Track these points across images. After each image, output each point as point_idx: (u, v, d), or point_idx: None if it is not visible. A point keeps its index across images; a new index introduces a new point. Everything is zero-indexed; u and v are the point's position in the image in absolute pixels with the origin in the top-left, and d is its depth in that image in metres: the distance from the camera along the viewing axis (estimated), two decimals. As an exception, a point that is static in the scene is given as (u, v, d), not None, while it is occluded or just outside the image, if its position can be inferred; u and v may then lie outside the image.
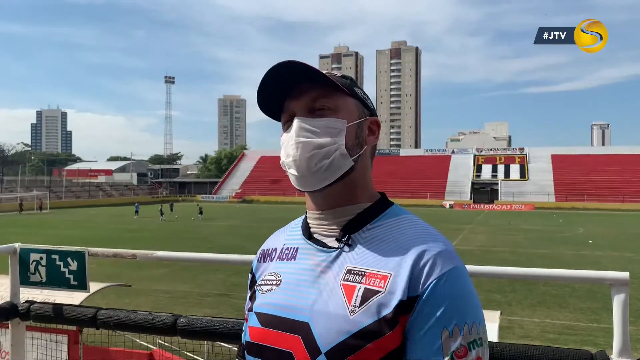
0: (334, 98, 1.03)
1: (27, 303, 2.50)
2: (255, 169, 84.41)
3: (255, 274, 1.17)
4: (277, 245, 1.15)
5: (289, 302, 1.00)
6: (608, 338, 6.61)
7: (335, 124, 1.02)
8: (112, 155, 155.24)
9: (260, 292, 1.08)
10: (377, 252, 0.98)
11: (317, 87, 1.02)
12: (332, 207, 1.05)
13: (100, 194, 74.45)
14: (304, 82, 1.02)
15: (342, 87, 1.03)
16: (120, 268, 15.20)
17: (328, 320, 0.93)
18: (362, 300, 0.93)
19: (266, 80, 1.03)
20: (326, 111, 1.02)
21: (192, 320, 2.11)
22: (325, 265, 1.01)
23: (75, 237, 25.63)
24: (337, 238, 1.03)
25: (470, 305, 0.93)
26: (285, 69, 1.01)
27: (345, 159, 1.02)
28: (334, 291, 0.96)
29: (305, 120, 1.02)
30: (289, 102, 1.05)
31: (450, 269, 0.93)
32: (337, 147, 1.01)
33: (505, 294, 13.11)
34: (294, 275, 1.04)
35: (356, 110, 1.06)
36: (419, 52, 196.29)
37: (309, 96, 1.03)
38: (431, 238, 0.98)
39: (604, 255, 20.67)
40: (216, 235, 27.32)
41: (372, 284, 0.94)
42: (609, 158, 71.97)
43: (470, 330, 0.90)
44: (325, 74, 1.01)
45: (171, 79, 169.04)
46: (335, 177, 1.02)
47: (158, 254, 2.34)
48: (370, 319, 0.91)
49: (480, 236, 28.17)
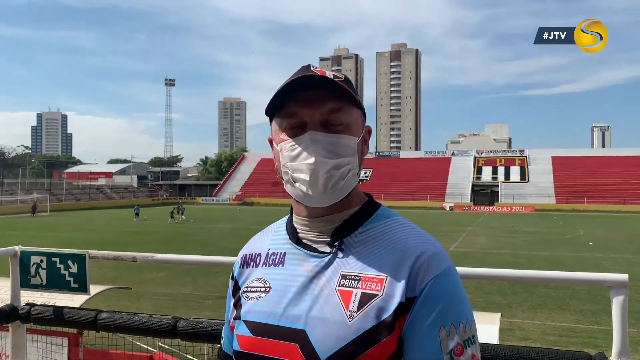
0: (347, 112, 0.98)
1: (28, 306, 2.50)
2: (255, 171, 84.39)
3: (238, 279, 1.12)
4: (261, 250, 1.11)
5: (282, 309, 0.97)
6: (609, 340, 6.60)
7: (350, 142, 0.98)
8: (113, 158, 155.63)
9: (247, 300, 1.04)
10: (370, 256, 0.97)
11: (333, 98, 0.96)
12: (326, 215, 1.02)
13: (100, 196, 74.40)
14: (319, 89, 0.96)
15: (355, 98, 0.98)
16: (121, 271, 15.20)
17: (326, 327, 0.91)
18: (359, 305, 0.91)
19: (285, 88, 0.96)
20: (339, 127, 0.97)
21: (193, 323, 2.11)
22: (317, 271, 0.98)
23: (76, 239, 25.62)
24: (329, 243, 1.01)
25: (463, 304, 0.94)
26: (304, 77, 0.95)
27: (356, 177, 1.01)
28: (329, 297, 0.94)
29: (321, 136, 0.95)
30: (299, 108, 0.97)
31: (444, 269, 0.93)
32: (351, 167, 0.98)
33: (506, 296, 13.10)
34: (283, 282, 1.01)
35: (361, 123, 1.03)
36: (419, 55, 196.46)
37: (325, 108, 0.96)
38: (422, 240, 0.98)
39: (605, 257, 20.65)
40: (217, 238, 27.29)
41: (369, 287, 0.93)
42: (609, 160, 71.95)
43: (465, 329, 0.91)
44: (344, 86, 0.95)
45: (171, 81, 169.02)
46: (344, 195, 1.00)
47: (158, 257, 2.34)
48: (370, 324, 0.90)
49: (480, 238, 28.13)
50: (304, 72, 0.97)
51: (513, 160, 77.55)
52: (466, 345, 0.91)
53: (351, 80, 1.04)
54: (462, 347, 0.90)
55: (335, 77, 0.98)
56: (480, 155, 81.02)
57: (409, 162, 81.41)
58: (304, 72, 0.97)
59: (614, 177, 66.89)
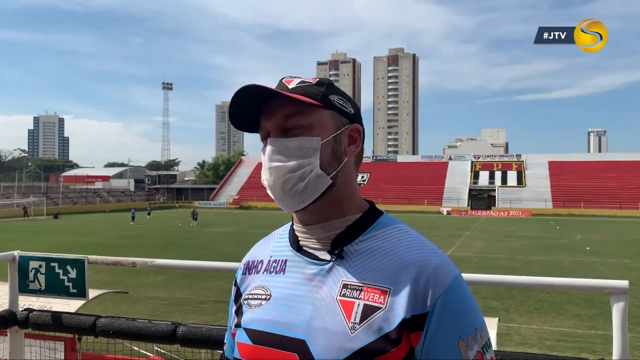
0: (307, 114, 0.98)
1: (26, 311, 2.49)
2: (252, 175, 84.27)
3: (240, 286, 1.11)
4: (263, 257, 1.10)
5: (282, 318, 0.96)
6: (606, 345, 6.62)
7: (309, 143, 0.97)
8: (110, 162, 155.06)
9: (248, 307, 1.03)
10: (372, 266, 0.95)
11: (288, 104, 0.97)
12: (319, 222, 1.01)
13: (97, 200, 74.23)
14: (274, 99, 0.98)
15: (314, 101, 0.97)
16: (117, 275, 15.14)
17: (327, 338, 0.90)
18: (362, 317, 0.90)
19: (235, 103, 0.98)
20: (299, 129, 0.97)
21: (192, 329, 2.11)
22: (318, 280, 0.97)
23: (72, 243, 25.53)
24: (329, 251, 0.99)
25: (475, 311, 0.94)
26: (249, 93, 0.97)
27: (321, 178, 0.97)
28: (331, 307, 0.93)
29: (276, 141, 0.98)
30: (263, 120, 1.01)
31: (452, 280, 0.92)
32: (311, 168, 0.97)
33: (503, 300, 13.10)
34: (284, 290, 1.00)
35: (332, 122, 1.00)
36: (416, 59, 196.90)
37: (280, 115, 0.98)
38: (426, 250, 0.96)
39: (601, 262, 20.68)
40: (214, 242, 27.25)
41: (372, 299, 0.91)
42: (606, 165, 72.16)
43: (481, 335, 0.92)
44: (289, 95, 0.96)
45: (169, 85, 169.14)
46: (314, 197, 0.98)
47: (157, 262, 2.34)
48: (372, 337, 0.88)
49: (477, 242, 28.16)
50: (249, 88, 0.97)
51: (510, 165, 77.69)
52: (484, 351, 0.92)
53: (325, 83, 1.02)
54: (481, 353, 0.91)
55: (303, 82, 1.00)
56: (477, 160, 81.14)
57: (406, 167, 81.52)
58: (249, 88, 0.97)
59: (610, 182, 67.06)
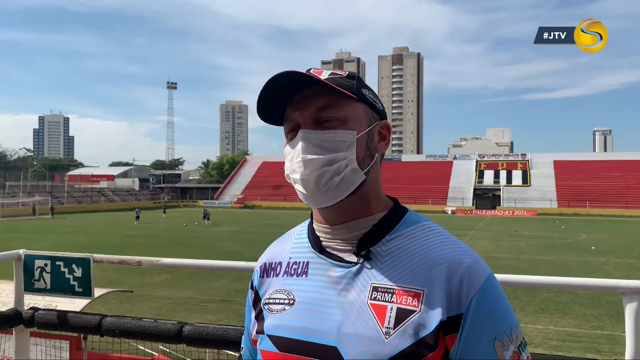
0: (342, 106, 0.94)
1: (32, 310, 2.48)
2: (257, 174, 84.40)
3: (258, 290, 1.06)
4: (281, 259, 1.05)
5: (309, 324, 0.92)
6: (612, 345, 6.58)
7: (346, 137, 0.93)
8: (114, 161, 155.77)
9: (269, 312, 0.99)
10: (402, 267, 0.91)
11: (323, 94, 0.93)
12: (345, 221, 0.97)
13: (102, 199, 74.44)
14: (307, 88, 0.94)
15: (350, 93, 0.93)
16: (122, 274, 15.18)
17: (360, 345, 0.86)
18: (396, 321, 0.87)
19: (266, 90, 0.94)
20: (334, 122, 0.94)
21: (198, 328, 2.09)
22: (345, 282, 0.93)
23: (76, 243, 25.61)
24: (355, 252, 0.95)
25: (509, 310, 0.92)
26: (285, 78, 0.93)
27: (357, 173, 0.94)
28: (361, 312, 0.89)
29: (311, 133, 0.93)
30: (291, 111, 0.96)
31: (486, 279, 0.90)
32: (348, 162, 0.93)
33: (508, 300, 13.05)
34: (309, 294, 0.96)
35: (366, 116, 0.98)
36: (420, 58, 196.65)
37: (314, 106, 0.94)
38: (457, 248, 0.93)
39: (607, 261, 20.58)
40: (219, 241, 27.28)
41: (405, 302, 0.88)
42: (611, 164, 71.83)
43: (516, 335, 0.90)
44: (330, 83, 0.92)
45: (173, 84, 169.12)
46: (347, 193, 0.94)
47: (163, 261, 2.33)
48: (408, 341, 0.85)
49: (482, 242, 28.06)
50: (288, 73, 0.93)
51: (515, 164, 77.46)
52: (520, 351, 0.90)
53: (356, 76, 0.99)
54: (517, 353, 0.89)
55: (334, 74, 0.96)
56: (482, 159, 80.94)
57: (411, 166, 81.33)
58: (288, 73, 0.94)
59: (616, 181, 66.75)
